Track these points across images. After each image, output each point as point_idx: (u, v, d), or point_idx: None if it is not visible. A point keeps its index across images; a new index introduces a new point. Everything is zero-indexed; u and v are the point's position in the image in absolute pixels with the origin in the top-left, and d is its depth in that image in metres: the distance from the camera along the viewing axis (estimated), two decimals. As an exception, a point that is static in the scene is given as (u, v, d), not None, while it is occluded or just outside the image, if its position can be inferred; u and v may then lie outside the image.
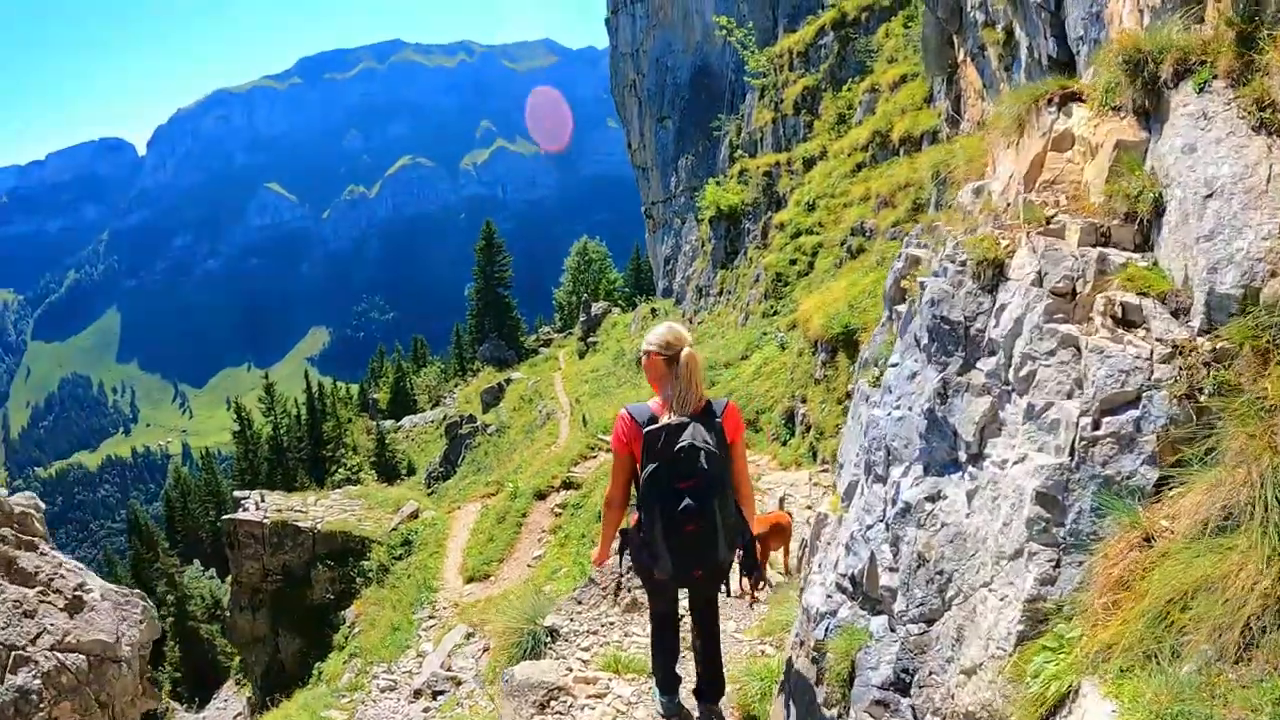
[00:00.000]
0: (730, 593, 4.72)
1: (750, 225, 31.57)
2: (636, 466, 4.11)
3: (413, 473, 43.82)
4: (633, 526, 4.29)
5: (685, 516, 3.89)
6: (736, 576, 4.69)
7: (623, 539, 4.43)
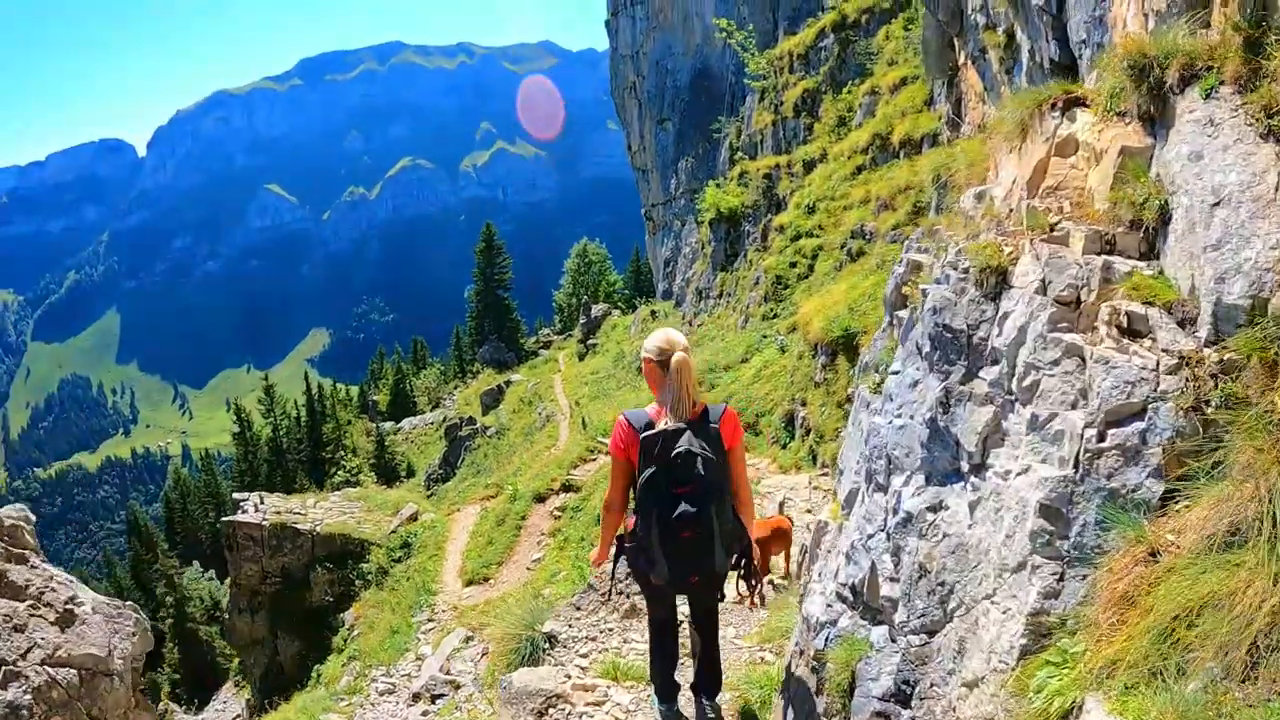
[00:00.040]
0: (724, 597, 4.70)
1: (750, 228, 31.55)
2: (635, 471, 4.10)
3: (412, 475, 43.78)
4: (627, 533, 4.27)
5: (681, 522, 3.87)
6: (736, 583, 4.68)
7: (617, 546, 4.41)
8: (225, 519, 22.90)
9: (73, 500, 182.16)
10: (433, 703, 9.94)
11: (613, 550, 4.53)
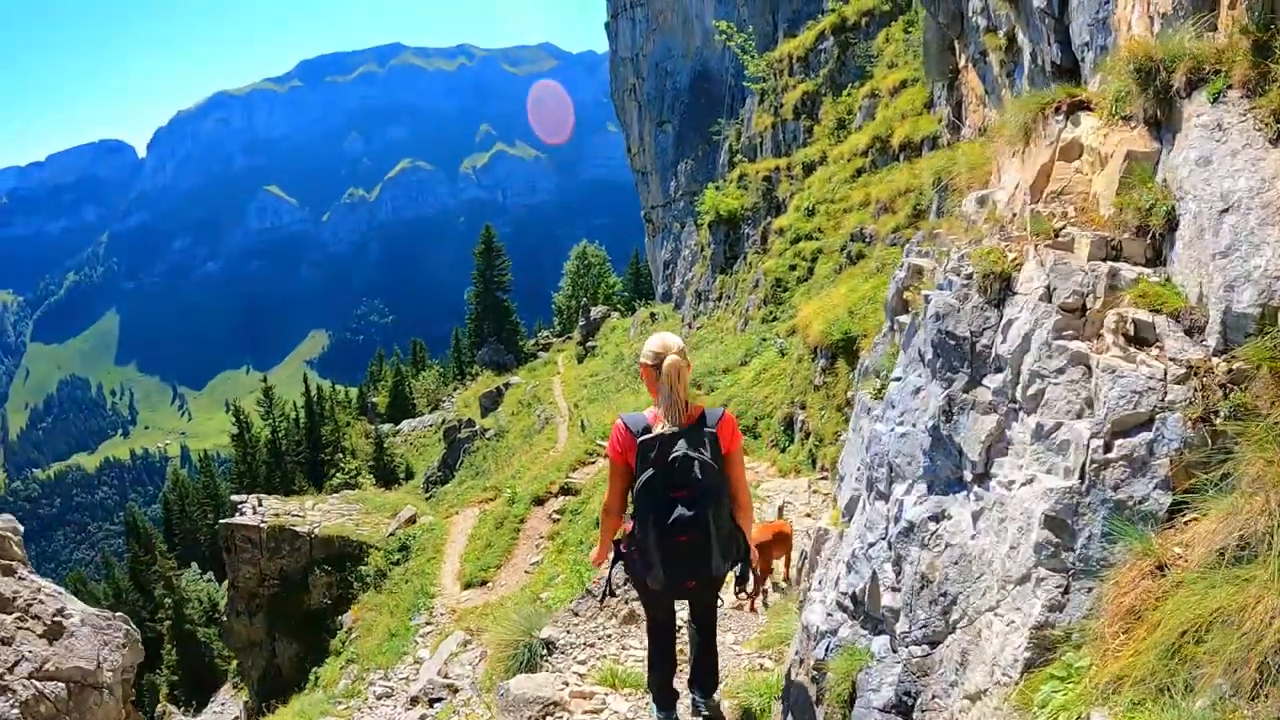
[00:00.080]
0: (722, 601, 4.66)
1: (750, 230, 31.52)
2: (633, 475, 4.06)
3: (411, 477, 43.70)
4: (624, 537, 4.25)
5: (678, 527, 3.84)
6: (734, 587, 4.63)
7: (615, 550, 4.39)
8: (223, 521, 22.84)
9: (71, 501, 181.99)
10: (430, 707, 9.89)
11: (610, 554, 4.50)
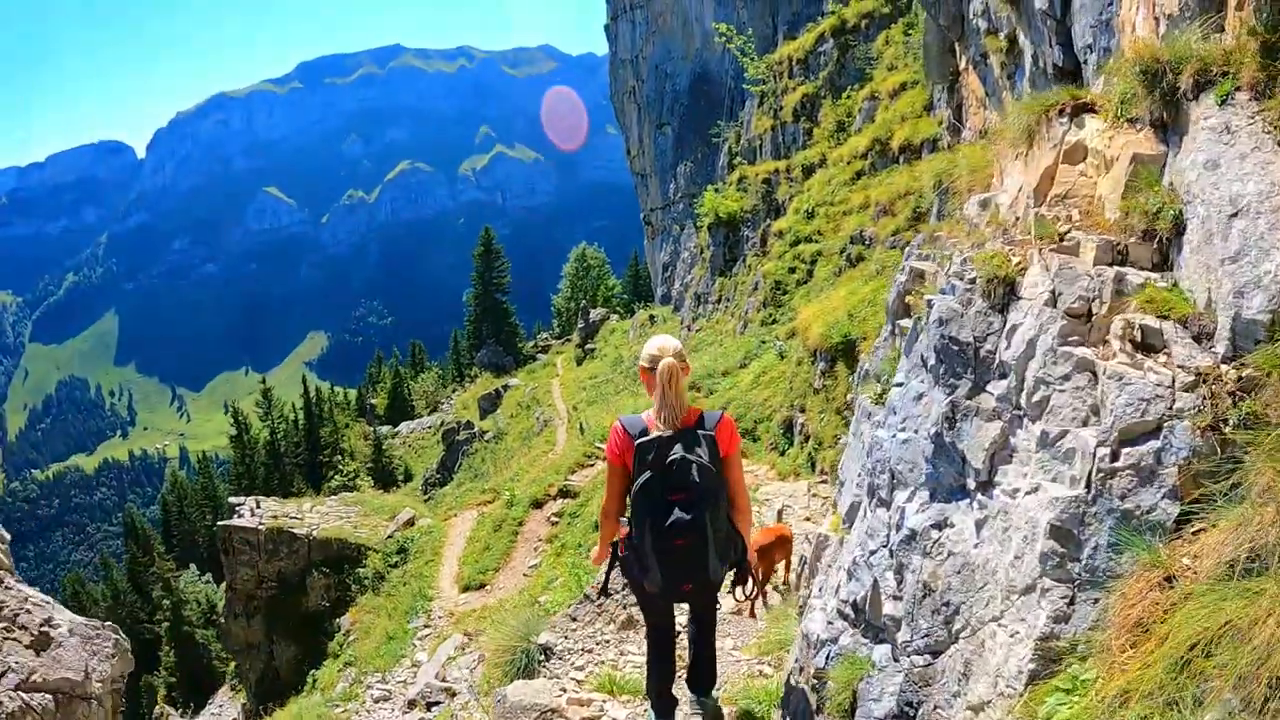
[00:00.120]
0: (720, 605, 4.62)
1: (749, 232, 31.50)
2: (631, 477, 4.03)
3: (409, 479, 43.66)
4: (621, 540, 4.23)
5: (675, 530, 3.80)
6: (732, 591, 4.60)
7: (612, 553, 4.36)
8: (220, 523, 22.81)
9: (70, 502, 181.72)
10: (428, 710, 9.84)
11: (608, 558, 4.47)
